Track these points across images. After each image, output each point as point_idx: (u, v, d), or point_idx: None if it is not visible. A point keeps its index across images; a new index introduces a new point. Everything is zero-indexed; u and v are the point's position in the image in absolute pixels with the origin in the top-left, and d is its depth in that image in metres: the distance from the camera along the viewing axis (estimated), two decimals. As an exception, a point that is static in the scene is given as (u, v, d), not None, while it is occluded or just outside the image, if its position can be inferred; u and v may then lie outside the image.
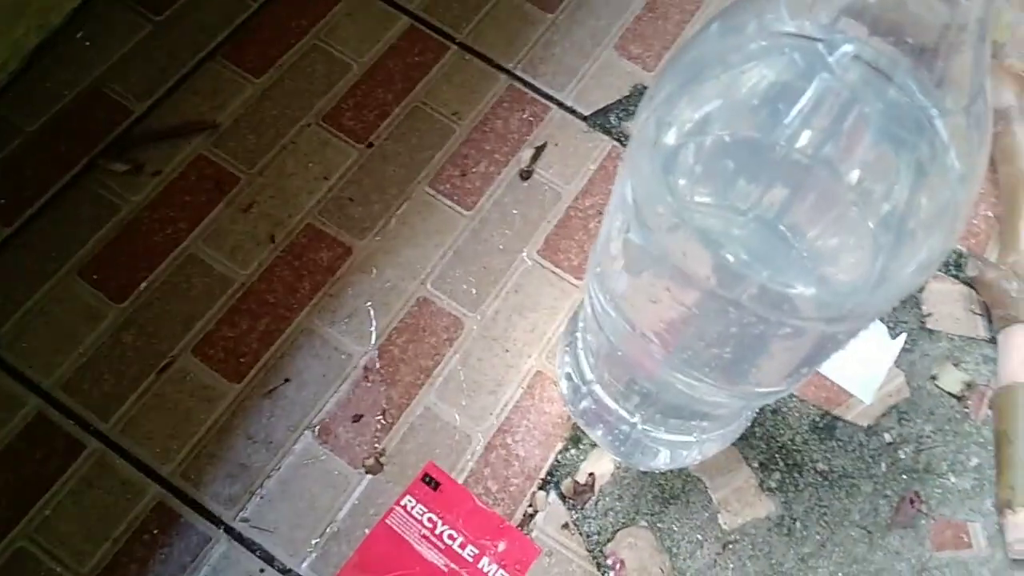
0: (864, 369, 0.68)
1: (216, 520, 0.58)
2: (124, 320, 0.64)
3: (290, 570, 0.58)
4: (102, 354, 0.62)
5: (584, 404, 0.60)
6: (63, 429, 0.60)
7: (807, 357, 0.46)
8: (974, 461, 0.66)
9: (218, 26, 0.76)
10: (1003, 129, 0.73)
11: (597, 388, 0.58)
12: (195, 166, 0.70)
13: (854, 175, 0.38)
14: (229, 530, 0.58)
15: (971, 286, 0.72)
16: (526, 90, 0.77)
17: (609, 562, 0.60)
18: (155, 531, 0.57)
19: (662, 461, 0.61)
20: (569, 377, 0.61)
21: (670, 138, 0.39)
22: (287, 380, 0.63)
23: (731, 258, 0.37)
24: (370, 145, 0.73)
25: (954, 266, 0.73)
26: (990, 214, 0.75)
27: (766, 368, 0.47)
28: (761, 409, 0.66)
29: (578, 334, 0.60)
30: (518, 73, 0.78)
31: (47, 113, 0.71)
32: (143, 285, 0.65)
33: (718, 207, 0.39)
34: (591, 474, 0.62)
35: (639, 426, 0.57)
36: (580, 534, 0.61)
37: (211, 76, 0.74)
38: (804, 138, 0.36)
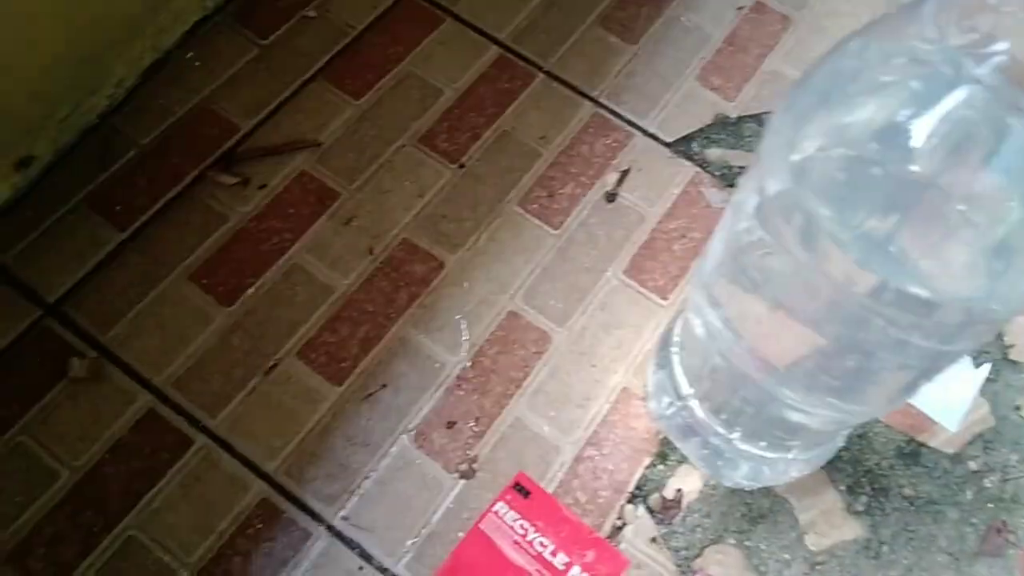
0: (949, 397, 0.68)
1: (317, 517, 0.60)
2: (232, 323, 0.66)
3: (387, 569, 0.59)
4: (211, 354, 0.65)
5: (678, 419, 0.61)
6: (173, 425, 0.62)
7: (919, 375, 0.47)
8: (1063, 494, 0.65)
9: (320, 51, 0.80)
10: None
11: (693, 403, 0.59)
12: (299, 181, 0.73)
13: (973, 197, 0.39)
14: (329, 527, 0.60)
15: (1055, 319, 0.72)
16: (610, 117, 0.80)
17: (697, 577, 0.60)
18: (259, 525, 0.59)
19: (747, 474, 0.61)
20: (662, 392, 0.63)
21: (801, 151, 0.41)
22: (384, 385, 0.65)
23: (859, 260, 0.38)
24: (462, 166, 0.76)
25: (1038, 299, 0.73)
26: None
27: (876, 387, 0.48)
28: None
29: (672, 350, 0.61)
30: (602, 101, 0.80)
31: (160, 128, 0.75)
32: (250, 291, 0.68)
33: (844, 220, 0.40)
34: (679, 490, 0.63)
35: (735, 441, 0.57)
36: (668, 548, 0.61)
37: (314, 97, 0.78)
38: (930, 159, 0.37)
